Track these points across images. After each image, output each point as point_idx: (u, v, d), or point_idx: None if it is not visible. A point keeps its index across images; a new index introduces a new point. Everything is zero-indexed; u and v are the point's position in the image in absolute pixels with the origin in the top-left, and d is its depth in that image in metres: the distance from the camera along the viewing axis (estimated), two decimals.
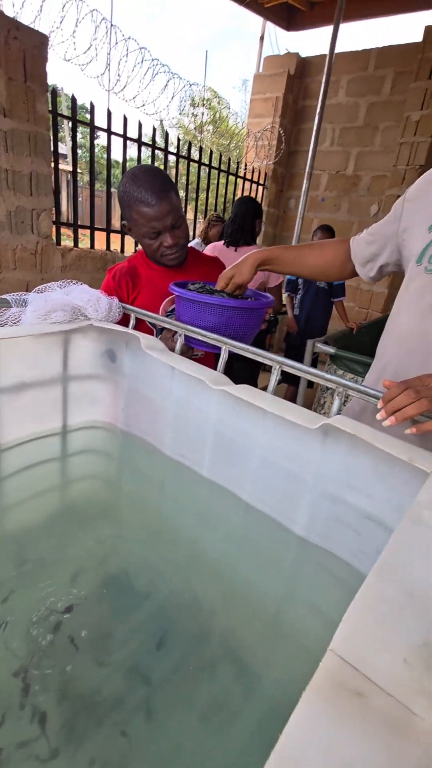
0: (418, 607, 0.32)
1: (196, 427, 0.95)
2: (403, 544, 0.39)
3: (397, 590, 0.33)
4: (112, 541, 1.16)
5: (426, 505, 0.45)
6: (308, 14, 3.83)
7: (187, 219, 1.03)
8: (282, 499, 0.83)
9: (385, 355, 0.79)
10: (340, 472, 0.71)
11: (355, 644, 0.29)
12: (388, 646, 0.29)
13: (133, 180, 0.93)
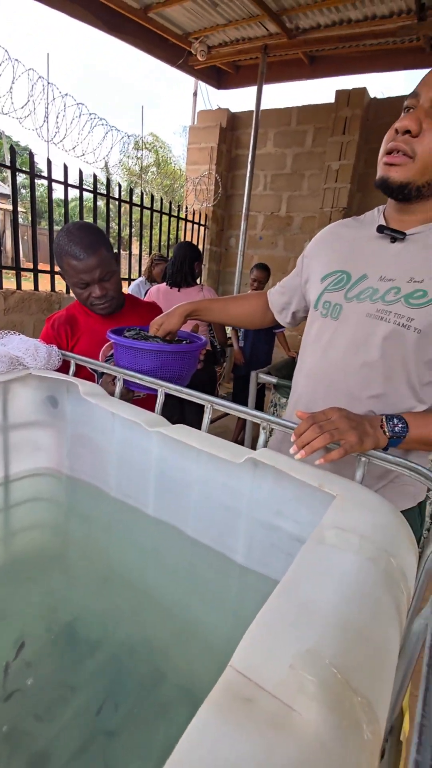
0: (307, 618, 0.37)
1: (139, 467, 0.98)
2: (304, 563, 0.45)
3: (292, 605, 0.39)
4: (61, 591, 1.13)
5: (328, 526, 0.51)
6: (235, 76, 4.22)
7: (129, 262, 1.08)
8: (222, 530, 0.88)
9: (297, 390, 0.88)
10: (269, 501, 0.77)
11: (249, 657, 0.33)
12: (278, 655, 0.34)
13: (66, 234, 0.99)
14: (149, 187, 16.27)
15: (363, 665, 0.35)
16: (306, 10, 3.05)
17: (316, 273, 0.84)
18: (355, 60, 3.65)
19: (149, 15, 3.28)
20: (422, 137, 0.64)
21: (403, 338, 0.70)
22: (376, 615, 0.40)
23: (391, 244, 0.74)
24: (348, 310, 0.76)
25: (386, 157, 0.68)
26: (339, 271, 0.79)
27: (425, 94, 0.65)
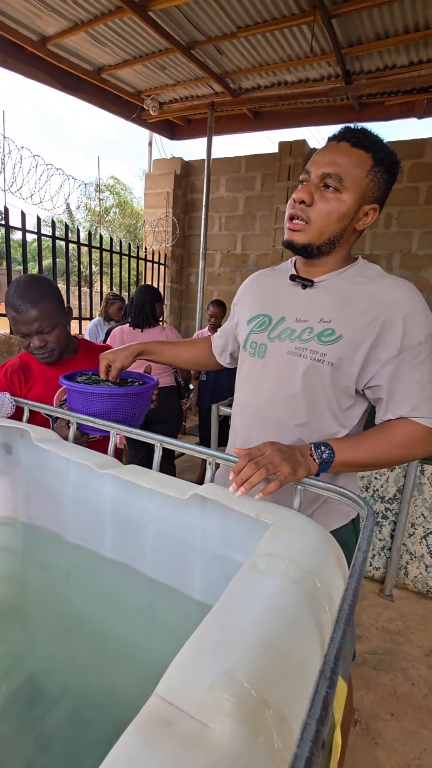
0: (229, 641, 0.41)
1: (95, 510, 0.99)
2: (234, 591, 0.49)
3: (217, 630, 0.42)
4: (19, 645, 1.10)
5: (259, 554, 0.55)
6: (187, 128, 4.52)
7: (90, 301, 1.10)
8: (178, 567, 0.89)
9: (235, 425, 0.94)
10: (219, 534, 0.80)
11: (173, 682, 0.37)
12: (199, 678, 0.37)
13: (14, 286, 1.03)
14: (111, 227, 16.66)
15: (279, 681, 0.39)
16: (246, 73, 3.36)
17: (243, 316, 0.94)
18: (294, 115, 4.01)
19: (103, 76, 3.51)
20: (314, 206, 0.76)
21: (319, 371, 0.79)
22: (297, 633, 0.44)
23: (302, 290, 0.85)
24: (272, 349, 0.84)
25: (289, 223, 0.80)
26: (262, 315, 0.88)
27: (314, 172, 0.77)
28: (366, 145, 0.75)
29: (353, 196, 0.75)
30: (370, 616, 1.86)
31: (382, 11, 2.55)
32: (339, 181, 0.74)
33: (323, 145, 0.81)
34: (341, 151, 0.75)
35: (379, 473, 1.96)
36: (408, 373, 0.76)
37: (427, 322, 0.76)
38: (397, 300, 0.76)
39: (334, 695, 0.32)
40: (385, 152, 0.76)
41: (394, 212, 3.81)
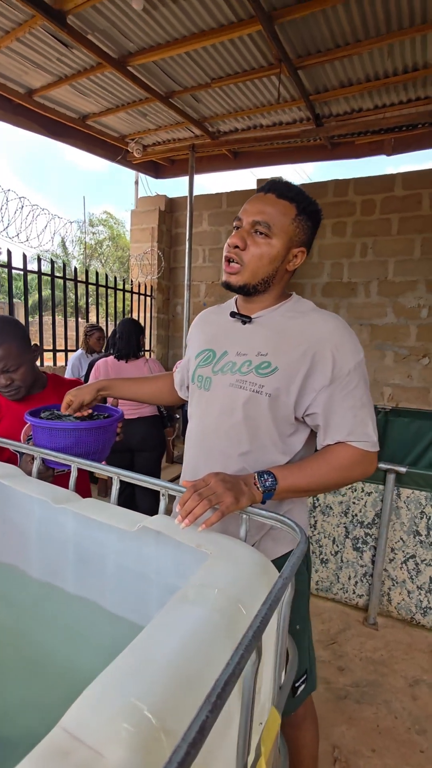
0: (140, 671, 0.43)
1: (58, 544, 1.00)
2: (159, 621, 0.51)
3: (131, 661, 0.44)
4: None
5: (192, 584, 0.58)
6: (170, 167, 4.74)
7: (76, 333, 1.13)
8: (138, 601, 0.90)
9: (186, 456, 0.98)
10: (172, 564, 0.82)
11: (78, 714, 0.38)
12: (103, 709, 0.39)
13: None
14: (104, 259, 17.10)
15: (184, 710, 0.40)
16: (223, 118, 3.57)
17: (192, 352, 1.00)
18: (271, 154, 4.23)
19: (88, 123, 3.71)
20: (247, 250, 0.84)
21: (258, 402, 0.83)
22: (210, 661, 0.46)
23: (242, 326, 0.90)
24: (215, 382, 0.89)
25: (225, 265, 0.87)
26: (207, 350, 0.94)
27: (245, 219, 0.85)
28: (290, 196, 0.83)
29: (281, 241, 0.83)
30: (354, 646, 1.83)
31: (344, 63, 2.75)
32: (268, 227, 0.81)
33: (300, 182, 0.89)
34: (268, 201, 0.83)
35: (357, 498, 1.97)
36: (341, 400, 0.81)
37: (355, 352, 0.82)
38: (326, 333, 0.82)
39: (214, 720, 0.34)
40: (307, 202, 0.84)
41: (369, 242, 3.97)
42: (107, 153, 4.23)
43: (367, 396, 0.84)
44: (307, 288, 4.28)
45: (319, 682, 1.64)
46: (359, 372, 0.82)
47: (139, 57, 2.70)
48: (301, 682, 1.01)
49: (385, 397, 4.03)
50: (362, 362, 0.84)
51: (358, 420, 0.81)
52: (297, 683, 1.00)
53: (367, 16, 2.30)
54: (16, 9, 2.28)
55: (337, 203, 4.07)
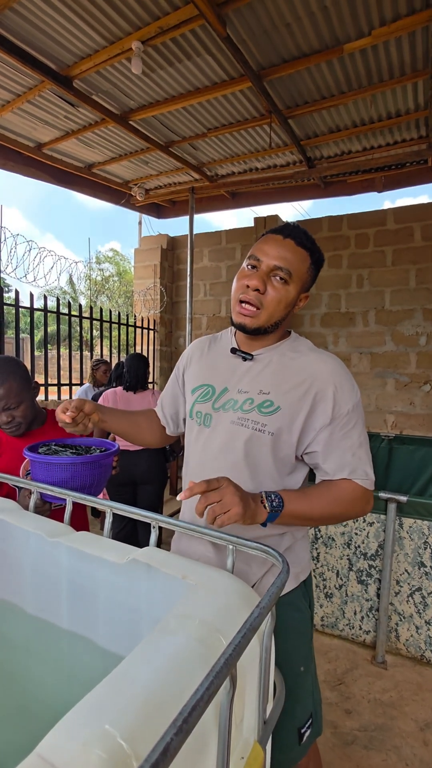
0: (116, 700, 0.44)
1: (52, 579, 1.01)
2: (139, 651, 0.52)
3: (108, 690, 0.46)
4: None
5: (174, 615, 0.59)
6: (171, 208, 4.98)
7: (81, 366, 1.17)
8: (130, 636, 0.90)
9: (186, 486, 0.99)
10: (163, 597, 0.82)
11: (54, 740, 0.40)
12: (78, 735, 0.40)
13: None
14: (111, 294, 17.59)
15: (156, 735, 0.42)
16: (220, 163, 3.78)
17: (188, 385, 1.00)
18: (267, 194, 4.44)
19: (93, 171, 3.95)
20: (267, 294, 0.84)
21: (260, 441, 0.85)
22: (186, 689, 0.47)
23: (243, 362, 0.92)
24: (216, 419, 0.90)
25: (239, 306, 0.86)
26: (205, 385, 0.95)
27: (265, 262, 0.84)
28: (308, 246, 0.85)
29: (297, 287, 0.85)
30: (362, 687, 1.76)
31: (330, 112, 2.95)
32: (288, 274, 0.83)
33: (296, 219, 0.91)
34: (288, 247, 0.84)
35: (359, 528, 1.95)
36: (339, 439, 0.83)
37: (353, 392, 0.84)
38: (327, 373, 0.84)
39: (179, 743, 0.35)
40: (318, 253, 0.88)
41: (365, 273, 4.08)
42: (112, 197, 4.47)
43: (364, 435, 0.85)
44: (306, 318, 4.38)
45: (326, 725, 1.57)
46: (357, 412, 0.84)
47: (140, 112, 2.92)
48: (306, 727, 0.95)
49: (388, 424, 4.02)
50: (359, 402, 0.86)
51: (356, 458, 0.82)
52: (302, 728, 0.94)
53: (350, 71, 2.49)
54: (28, 76, 2.51)
55: (332, 237, 4.23)
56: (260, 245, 0.87)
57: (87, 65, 2.40)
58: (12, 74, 2.51)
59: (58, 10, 2.02)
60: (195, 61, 2.40)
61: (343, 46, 2.25)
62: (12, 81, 2.58)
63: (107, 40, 2.23)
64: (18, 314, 3.13)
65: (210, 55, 2.34)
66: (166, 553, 0.76)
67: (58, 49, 2.31)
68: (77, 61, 2.41)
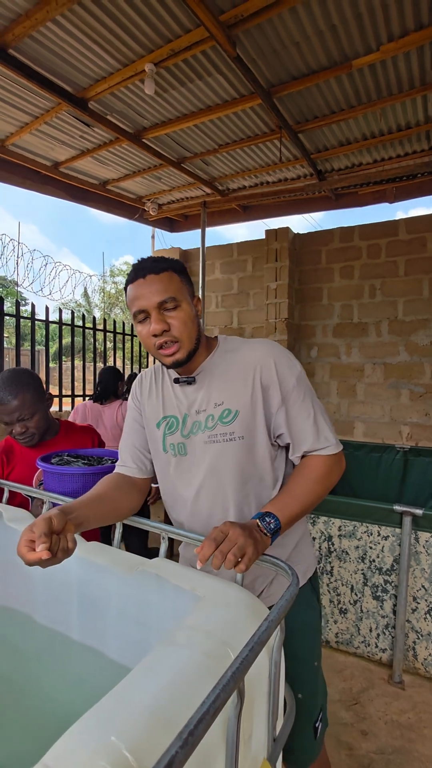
0: (122, 711, 0.44)
1: (63, 589, 1.02)
2: (146, 663, 0.52)
3: (115, 701, 0.46)
4: None
5: (182, 628, 0.59)
6: (184, 222, 5.06)
7: (94, 378, 1.19)
8: (138, 648, 0.90)
9: (179, 519, 0.98)
10: (172, 610, 0.82)
11: (61, 750, 0.40)
12: (84, 745, 0.40)
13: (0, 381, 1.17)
14: (124, 306, 17.88)
15: (161, 748, 0.42)
16: (231, 177, 3.85)
17: (150, 421, 0.99)
18: (278, 206, 4.48)
19: (108, 187, 4.05)
20: (172, 326, 0.84)
21: (235, 448, 0.88)
22: (193, 703, 0.47)
23: (189, 386, 0.93)
24: (190, 445, 0.92)
25: (161, 351, 0.86)
26: (168, 416, 0.95)
27: (148, 306, 0.84)
28: (164, 267, 0.86)
29: (186, 300, 0.87)
30: (379, 707, 1.71)
31: (340, 126, 2.98)
32: (173, 299, 0.84)
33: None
34: (154, 281, 0.84)
35: (373, 542, 1.91)
36: (296, 414, 0.87)
37: (292, 365, 0.89)
38: (261, 357, 0.88)
39: (184, 757, 0.35)
40: (173, 263, 0.88)
41: (377, 284, 4.07)
42: (126, 212, 4.57)
43: (316, 403, 0.90)
44: (318, 329, 4.37)
45: (341, 747, 1.52)
46: (303, 382, 0.89)
47: (153, 131, 3.00)
48: (319, 720, 0.98)
49: (403, 436, 3.95)
50: (302, 373, 0.90)
51: (316, 428, 0.87)
52: (316, 722, 0.98)
53: (359, 86, 2.52)
54: (45, 99, 2.61)
55: (344, 248, 4.23)
56: (134, 299, 0.86)
57: (102, 87, 2.48)
58: (31, 98, 2.61)
59: (75, 36, 2.11)
60: (206, 81, 2.46)
61: (351, 62, 2.29)
62: (31, 104, 2.69)
63: (121, 62, 2.31)
64: (34, 327, 3.20)
65: (220, 75, 2.40)
66: (176, 565, 0.76)
67: (75, 72, 2.40)
68: (92, 84, 2.49)
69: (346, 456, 3.25)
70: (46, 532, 0.69)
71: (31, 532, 0.70)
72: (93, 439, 1.35)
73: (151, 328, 0.84)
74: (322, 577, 2.04)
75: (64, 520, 0.73)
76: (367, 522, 1.91)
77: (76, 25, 2.03)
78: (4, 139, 3.12)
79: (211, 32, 1.95)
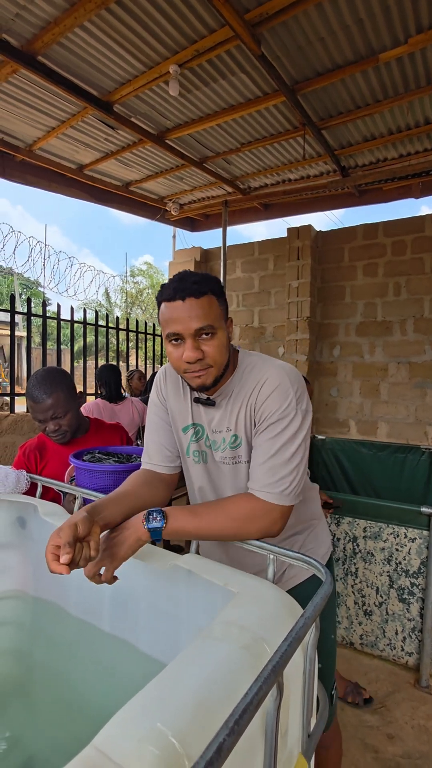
0: (167, 700, 0.46)
1: None
2: (186, 654, 0.53)
3: (159, 690, 0.47)
4: (21, 724, 1.10)
5: (218, 622, 0.60)
6: (205, 222, 5.08)
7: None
8: (168, 641, 0.91)
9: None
10: (203, 604, 0.83)
11: (110, 734, 0.42)
12: (132, 731, 0.42)
13: (32, 379, 1.21)
14: (144, 306, 18.04)
15: (206, 737, 0.43)
16: (253, 176, 3.84)
17: (176, 422, 0.98)
18: (300, 204, 4.44)
19: (130, 189, 4.11)
20: (205, 354, 0.82)
21: (243, 470, 0.90)
22: (234, 695, 0.48)
23: (208, 405, 0.92)
24: (210, 457, 0.95)
25: (189, 375, 0.84)
26: (194, 424, 0.95)
27: (184, 332, 0.81)
28: (203, 290, 0.81)
29: (221, 328, 0.84)
30: (405, 711, 1.68)
31: (365, 121, 2.93)
32: (210, 327, 0.81)
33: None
34: (193, 306, 0.80)
35: (400, 544, 1.88)
36: (258, 447, 0.84)
37: (287, 401, 0.82)
38: (257, 382, 0.86)
39: (231, 744, 0.36)
40: (214, 283, 0.83)
41: (402, 281, 3.99)
42: (147, 213, 4.62)
43: (290, 450, 0.81)
44: (341, 327, 4.31)
45: (366, 750, 1.51)
46: (287, 422, 0.81)
47: (176, 132, 3.02)
48: (333, 689, 1.05)
49: (428, 437, 3.87)
50: (296, 414, 0.82)
51: (271, 471, 0.80)
52: (332, 690, 1.04)
53: (385, 80, 2.48)
54: (72, 103, 2.66)
55: (368, 246, 4.16)
56: (169, 320, 0.83)
57: (127, 90, 2.52)
58: (58, 102, 2.67)
59: (101, 41, 2.14)
60: (230, 80, 2.46)
61: (378, 56, 2.25)
62: (57, 109, 2.75)
63: (146, 65, 2.34)
64: (59, 326, 3.28)
65: (244, 73, 2.40)
66: (206, 561, 0.78)
67: (100, 76, 2.44)
68: (117, 87, 2.53)
69: (369, 457, 3.19)
70: (70, 542, 0.69)
71: (58, 538, 0.70)
72: (122, 437, 1.38)
73: (185, 355, 0.82)
74: (346, 579, 2.02)
75: (89, 525, 0.73)
76: (393, 524, 1.88)
77: (102, 30, 2.07)
78: (31, 144, 3.21)
79: (237, 31, 1.95)
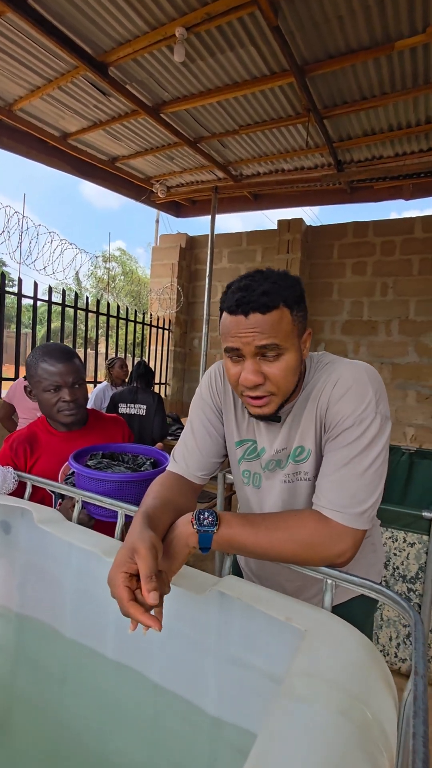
0: None
1: (98, 601, 0.89)
2: (275, 720, 0.41)
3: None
4: (2, 765, 0.94)
5: (297, 674, 0.48)
6: (192, 207, 4.89)
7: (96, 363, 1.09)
8: (190, 673, 0.79)
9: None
10: (238, 634, 0.71)
11: None
12: None
13: (43, 348, 1.09)
14: (116, 293, 17.50)
15: None
16: (247, 162, 3.70)
17: (229, 435, 0.86)
18: (291, 197, 4.36)
19: (117, 164, 3.86)
20: (267, 379, 0.69)
21: (305, 488, 0.78)
22: None
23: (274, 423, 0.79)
24: (266, 479, 0.82)
25: (249, 401, 0.72)
26: (249, 440, 0.83)
27: (245, 349, 0.68)
28: (275, 303, 0.66)
29: (292, 348, 0.69)
30: None
31: (368, 114, 2.86)
32: (276, 347, 0.67)
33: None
34: (259, 321, 0.66)
35: (398, 549, 1.83)
36: (330, 456, 0.70)
37: (362, 402, 0.68)
38: (325, 386, 0.72)
39: None
40: (291, 291, 0.69)
41: (390, 282, 3.99)
42: (132, 193, 4.38)
43: (365, 463, 0.67)
44: (326, 325, 4.28)
45: None
46: (363, 425, 0.67)
47: (173, 105, 2.83)
48: None
49: (407, 437, 3.91)
50: (369, 413, 0.68)
51: (337, 480, 0.67)
52: None
53: (396, 71, 2.40)
54: (62, 60, 2.41)
55: (358, 244, 4.14)
56: (227, 333, 0.70)
57: (125, 51, 2.31)
58: (46, 57, 2.41)
59: None
60: (238, 53, 2.30)
61: (394, 44, 2.17)
62: (45, 65, 2.49)
63: (150, 25, 2.14)
64: (35, 306, 3.02)
65: (254, 47, 2.25)
66: (254, 587, 0.65)
67: (97, 32, 2.21)
68: (115, 47, 2.32)
69: None
70: (155, 571, 0.57)
71: (130, 563, 0.58)
72: (123, 433, 1.23)
73: (242, 378, 0.69)
74: None
75: (156, 556, 0.59)
76: (392, 528, 1.83)
77: None
78: (12, 102, 2.91)
79: None
